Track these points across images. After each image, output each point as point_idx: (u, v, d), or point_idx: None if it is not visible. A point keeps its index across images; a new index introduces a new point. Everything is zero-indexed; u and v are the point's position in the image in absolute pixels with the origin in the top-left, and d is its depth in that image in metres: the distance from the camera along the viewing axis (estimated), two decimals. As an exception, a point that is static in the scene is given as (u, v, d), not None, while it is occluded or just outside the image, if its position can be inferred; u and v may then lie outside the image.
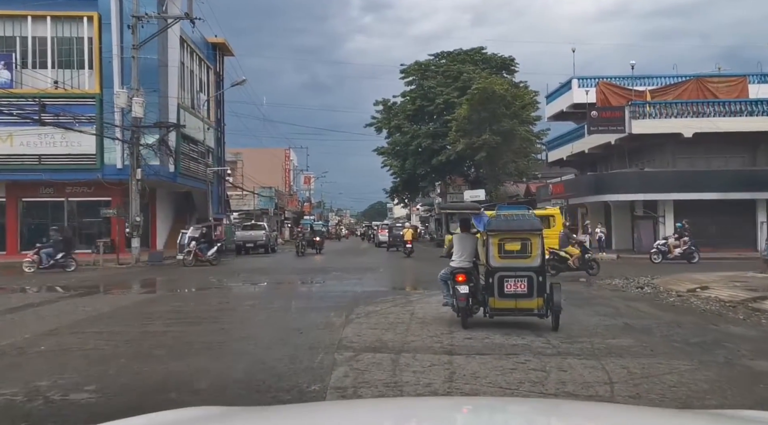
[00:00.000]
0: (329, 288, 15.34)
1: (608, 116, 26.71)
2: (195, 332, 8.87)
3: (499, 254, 8.25)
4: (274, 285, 16.80)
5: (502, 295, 8.19)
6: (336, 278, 17.83)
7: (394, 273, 19.91)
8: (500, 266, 8.22)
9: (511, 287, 8.16)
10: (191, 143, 30.35)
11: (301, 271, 20.62)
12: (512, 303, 8.25)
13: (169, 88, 27.62)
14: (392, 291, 14.07)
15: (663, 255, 22.38)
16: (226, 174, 32.73)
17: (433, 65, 46.95)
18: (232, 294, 15.13)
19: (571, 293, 13.45)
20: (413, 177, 47.89)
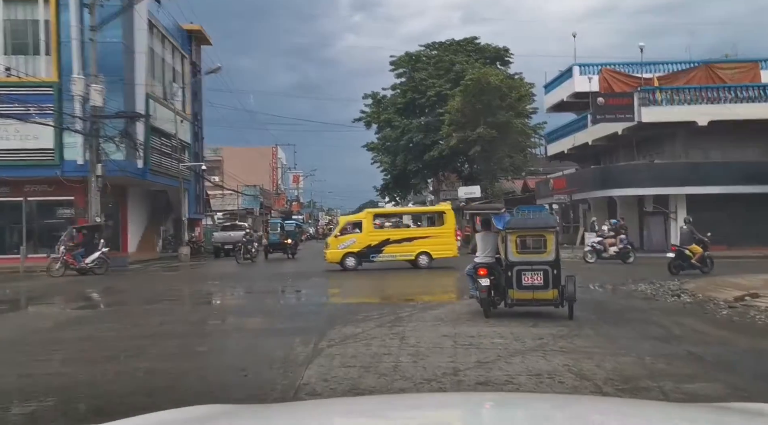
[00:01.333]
0: (302, 301, 12.84)
1: (615, 103, 24.30)
2: (88, 378, 6.24)
3: (517, 250, 8.87)
4: (238, 297, 14.23)
5: (520, 287, 8.79)
6: (313, 286, 15.25)
7: (381, 279, 17.39)
8: (518, 261, 8.82)
9: (529, 280, 8.76)
10: (163, 137, 27.67)
11: (273, 278, 17.93)
12: (530, 294, 8.86)
13: (136, 77, 24.93)
14: (378, 305, 11.50)
15: (597, 254, 20.37)
16: (201, 170, 30.02)
17: (424, 56, 44.36)
18: (183, 310, 12.53)
19: (598, 304, 10.99)
20: (404, 174, 45.30)
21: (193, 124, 32.14)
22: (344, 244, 19.39)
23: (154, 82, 27.30)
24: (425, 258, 19.25)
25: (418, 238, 19.76)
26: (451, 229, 19.95)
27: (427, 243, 19.39)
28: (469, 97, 38.39)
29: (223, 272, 19.66)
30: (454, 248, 19.73)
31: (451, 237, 19.75)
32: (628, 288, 13.43)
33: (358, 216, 21.20)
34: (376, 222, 20.66)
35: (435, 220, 21.14)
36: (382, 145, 45.71)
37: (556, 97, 32.30)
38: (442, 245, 19.37)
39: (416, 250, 19.28)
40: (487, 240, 9.51)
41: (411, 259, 19.34)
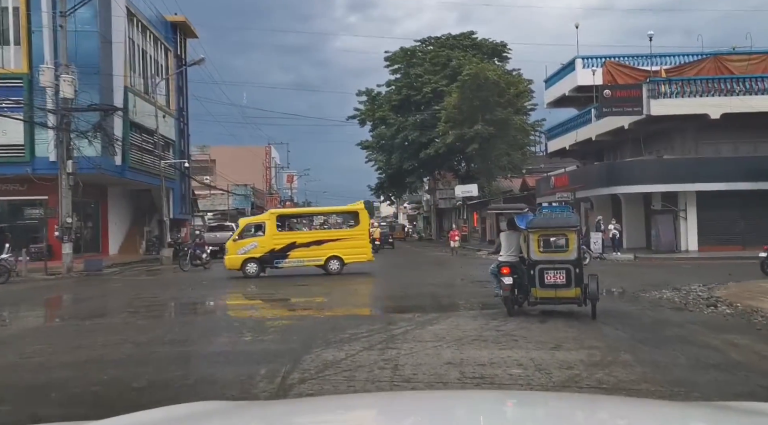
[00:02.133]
0: (278, 313, 11.09)
1: (623, 95, 22.64)
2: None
3: (539, 249, 8.80)
4: (202, 309, 12.48)
5: (543, 285, 8.72)
6: (294, 294, 13.46)
7: (372, 284, 15.69)
8: (540, 260, 8.75)
9: (551, 279, 8.68)
10: (144, 133, 25.91)
11: (249, 284, 15.99)
12: (552, 293, 8.77)
13: (114, 68, 23.19)
14: (368, 318, 9.79)
15: None
16: (185, 168, 28.23)
17: (420, 52, 42.81)
18: (133, 326, 10.78)
19: (624, 316, 9.33)
20: (400, 172, 43.72)
21: (178, 120, 30.37)
22: (244, 248, 17.48)
23: (134, 75, 25.53)
24: (336, 263, 17.49)
25: (328, 241, 17.87)
26: (365, 230, 18.27)
27: (339, 247, 17.59)
28: (467, 93, 36.78)
29: (201, 278, 17.90)
30: (369, 252, 18.01)
31: (364, 239, 18.04)
32: (651, 295, 11.77)
33: (261, 217, 19.08)
34: (282, 224, 18.75)
35: (347, 221, 19.29)
36: (377, 143, 44.09)
37: (558, 92, 30.63)
38: (355, 249, 17.61)
39: (326, 254, 17.49)
40: (511, 239, 9.49)
41: (320, 264, 17.53)
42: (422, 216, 69.41)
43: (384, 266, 21.82)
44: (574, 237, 8.91)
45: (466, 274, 17.03)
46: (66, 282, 17.89)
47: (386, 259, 26.62)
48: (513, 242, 9.51)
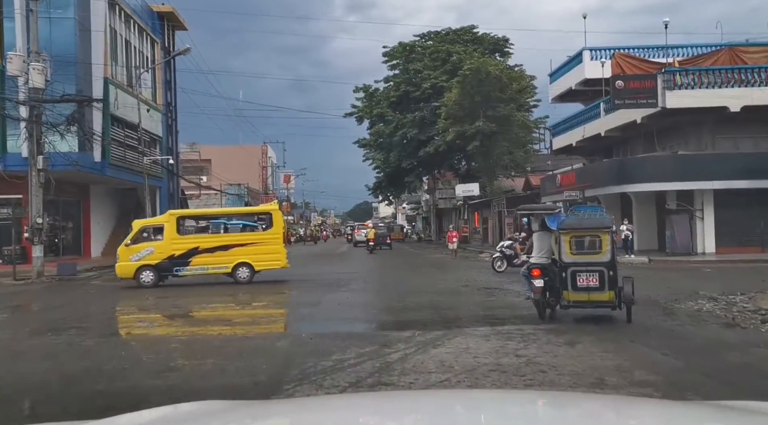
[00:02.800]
0: (253, 329, 9.36)
1: (637, 86, 21.00)
2: None
3: (571, 251, 8.48)
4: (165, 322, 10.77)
5: (575, 288, 8.37)
6: (274, 304, 11.80)
7: (365, 292, 13.99)
8: (572, 262, 8.42)
9: (584, 281, 8.35)
10: (128, 128, 24.22)
11: (227, 292, 13.96)
12: (585, 296, 8.43)
13: (93, 58, 21.53)
14: (358, 337, 8.07)
15: (508, 261, 16.84)
16: (170, 164, 26.49)
17: (419, 47, 41.14)
18: (74, 350, 9.09)
19: (668, 335, 7.70)
20: (398, 171, 42.07)
21: (165, 115, 28.69)
22: (139, 254, 15.35)
23: (116, 66, 23.85)
24: (246, 271, 15.54)
25: (236, 245, 15.73)
26: (279, 234, 16.21)
27: (249, 252, 15.59)
28: (468, 88, 35.10)
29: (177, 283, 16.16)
30: (283, 258, 15.88)
31: (278, 244, 16.00)
32: (687, 307, 10.12)
33: (158, 219, 16.95)
34: (183, 226, 16.66)
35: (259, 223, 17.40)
36: (375, 141, 42.45)
37: (563, 86, 28.99)
38: (268, 255, 15.65)
39: (234, 260, 15.51)
40: (543, 240, 9.13)
41: (227, 271, 15.60)
42: (421, 217, 67.73)
43: (380, 269, 20.19)
44: (608, 238, 8.50)
45: (470, 279, 15.37)
46: (31, 289, 16.19)
47: (383, 261, 24.97)
48: (545, 244, 9.09)
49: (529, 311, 10.01)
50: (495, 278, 15.38)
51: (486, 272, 17.39)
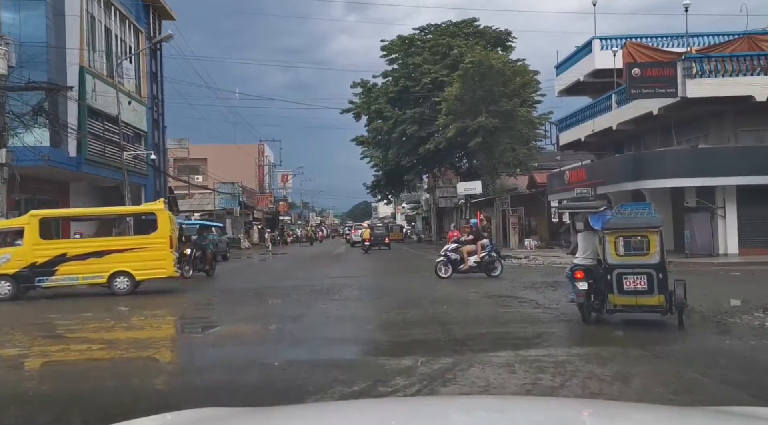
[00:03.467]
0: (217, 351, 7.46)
1: (655, 74, 19.24)
2: None
3: (616, 252, 7.93)
4: (108, 343, 8.96)
5: (621, 291, 7.84)
6: (255, 316, 9.94)
7: (357, 302, 12.18)
8: (618, 264, 7.89)
9: (631, 284, 7.81)
10: (108, 122, 22.41)
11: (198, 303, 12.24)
12: (632, 300, 7.88)
13: (68, 45, 19.73)
14: (346, 365, 6.24)
15: (454, 266, 14.91)
16: (151, 159, 24.67)
17: (419, 40, 39.35)
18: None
19: (737, 360, 5.92)
20: (397, 169, 40.30)
21: (151, 109, 26.88)
22: None
23: (94, 54, 22.04)
24: (125, 281, 13.40)
25: (112, 251, 13.52)
26: (165, 238, 13.64)
27: (128, 259, 13.40)
28: (469, 82, 33.29)
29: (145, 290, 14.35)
30: (170, 266, 13.70)
31: (164, 250, 13.57)
32: (743, 321, 8.35)
33: (17, 221, 14.31)
34: (46, 229, 14.27)
35: (141, 226, 15.38)
36: (373, 138, 40.64)
37: (571, 78, 27.21)
38: (151, 262, 13.48)
39: (110, 269, 13.33)
40: (588, 240, 8.61)
41: (102, 282, 13.43)
42: (421, 216, 65.95)
43: (377, 273, 18.39)
44: (656, 239, 7.84)
45: (477, 284, 13.58)
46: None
47: (380, 264, 23.21)
48: (590, 244, 8.48)
49: (554, 327, 8.24)
50: (506, 284, 13.58)
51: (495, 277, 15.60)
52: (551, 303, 10.39)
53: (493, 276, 14.82)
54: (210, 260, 18.24)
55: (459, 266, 14.90)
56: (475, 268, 14.90)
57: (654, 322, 8.17)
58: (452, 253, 15.13)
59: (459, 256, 15.01)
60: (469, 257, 14.93)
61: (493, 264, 15.06)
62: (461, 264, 14.89)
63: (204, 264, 17.94)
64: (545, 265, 19.60)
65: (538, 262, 20.49)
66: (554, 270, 17.23)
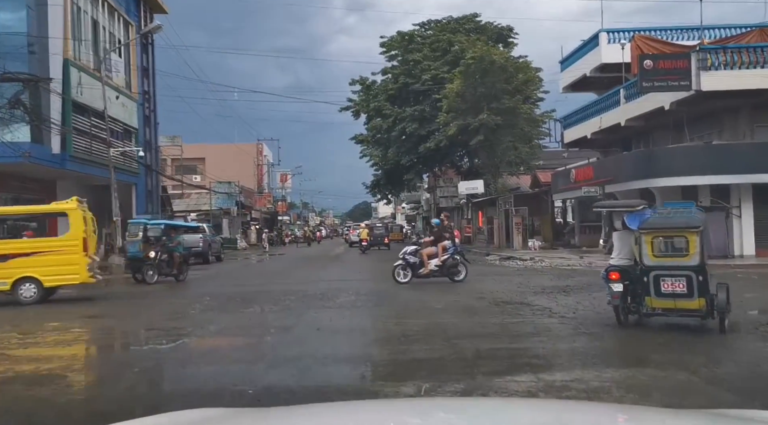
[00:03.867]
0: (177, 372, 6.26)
1: (668, 66, 18.14)
2: None
3: (653, 253, 7.52)
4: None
5: (659, 294, 7.43)
6: (239, 329, 8.75)
7: (357, 308, 11.09)
8: (655, 265, 7.49)
9: (669, 287, 7.38)
10: (95, 117, 21.30)
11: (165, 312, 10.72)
12: (671, 303, 7.45)
13: (51, 35, 18.64)
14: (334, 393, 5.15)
15: (413, 270, 13.53)
16: (139, 156, 23.50)
17: (419, 36, 38.25)
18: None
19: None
20: (397, 168, 39.16)
21: (142, 105, 25.77)
22: None
23: (79, 46, 20.93)
24: (32, 289, 11.95)
25: (16, 255, 12.02)
26: (78, 240, 12.17)
27: (35, 264, 11.93)
28: (471, 78, 32.16)
29: (97, 296, 13.26)
30: (83, 271, 12.17)
31: (76, 253, 12.08)
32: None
33: None
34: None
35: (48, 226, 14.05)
36: (372, 136, 39.48)
37: (577, 73, 26.10)
38: (62, 267, 12.08)
39: (13, 275, 11.92)
40: (625, 240, 8.17)
41: (5, 289, 11.94)
42: (421, 216, 64.82)
43: (375, 276, 17.26)
44: (696, 239, 7.38)
45: (483, 290, 12.47)
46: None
47: (379, 266, 22.09)
48: (626, 244, 8.08)
49: (576, 341, 7.15)
50: (514, 289, 12.48)
51: (501, 280, 14.52)
52: (567, 311, 9.30)
53: (457, 281, 13.45)
54: (178, 264, 16.47)
55: (419, 271, 13.51)
56: (436, 272, 13.48)
57: (694, 328, 7.51)
58: (411, 256, 13.62)
59: (419, 259, 13.65)
60: (430, 260, 13.51)
61: (457, 268, 13.63)
62: (421, 268, 13.50)
63: (171, 269, 16.25)
64: (552, 267, 18.50)
65: (545, 264, 19.40)
66: (563, 273, 16.14)
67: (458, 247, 14.32)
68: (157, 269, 15.76)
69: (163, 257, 15.99)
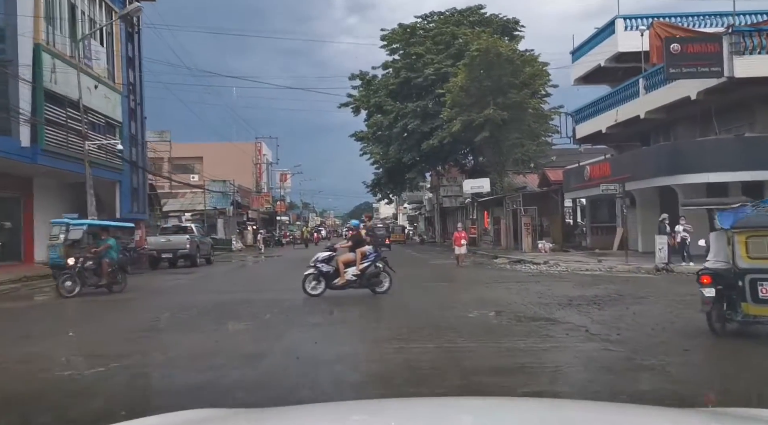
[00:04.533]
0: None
1: (697, 50, 16.28)
2: None
3: (748, 254, 6.75)
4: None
5: (756, 300, 6.61)
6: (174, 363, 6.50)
7: (348, 325, 9.22)
8: (750, 268, 6.72)
9: (767, 292, 6.56)
10: (71, 108, 19.47)
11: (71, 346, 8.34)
12: None
13: (19, 21, 16.83)
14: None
15: (327, 281, 11.55)
16: (120, 151, 21.50)
17: (421, 29, 36.42)
18: None
19: None
20: (398, 167, 37.36)
21: (127, 97, 23.93)
22: None
23: (53, 30, 19.11)
24: None
25: None
26: None
27: None
28: (476, 72, 30.31)
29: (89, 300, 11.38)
30: None
31: None
32: None
33: None
34: None
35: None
36: (373, 133, 37.68)
37: (590, 63, 24.22)
38: None
39: None
40: (721, 241, 7.15)
41: None
42: (424, 217, 62.93)
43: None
44: None
45: (498, 301, 10.61)
46: None
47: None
48: (722, 245, 7.12)
49: (641, 382, 5.27)
50: (534, 300, 10.61)
51: (517, 288, 12.65)
52: (608, 332, 7.44)
53: (379, 292, 11.48)
54: (107, 273, 13.34)
55: (334, 281, 11.52)
56: (354, 282, 11.51)
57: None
58: (324, 264, 11.57)
59: (333, 267, 11.61)
60: (347, 268, 11.53)
61: (378, 277, 11.62)
62: (336, 278, 11.52)
63: (99, 278, 13.30)
64: (570, 272, 16.63)
65: (561, 268, 17.53)
66: (585, 280, 14.25)
67: (380, 253, 12.15)
68: (80, 279, 12.87)
69: (88, 265, 13.13)
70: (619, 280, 13.98)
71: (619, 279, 14.21)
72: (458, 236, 20.08)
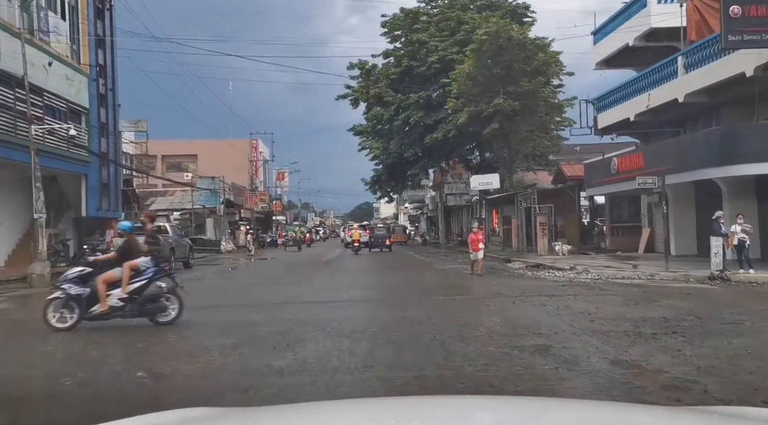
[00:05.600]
0: None
1: (763, 14, 13.43)
2: None
3: None
4: None
5: None
6: None
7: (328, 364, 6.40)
8: None
9: None
10: (18, 89, 16.58)
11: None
12: None
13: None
14: None
15: (81, 307, 8.03)
16: (71, 136, 18.54)
17: (424, 14, 33.55)
18: None
19: None
20: (400, 162, 34.50)
21: (96, 81, 21.06)
22: None
23: (6, 3, 16.25)
24: None
25: None
26: None
27: None
28: (484, 58, 27.46)
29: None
30: None
31: None
32: None
33: None
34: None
35: None
36: (372, 127, 34.78)
37: (616, 43, 21.33)
38: None
39: None
40: None
41: None
42: (426, 216, 60.00)
43: (371, 296, 12.54)
44: None
45: (535, 325, 7.71)
46: None
47: (375, 276, 17.45)
48: None
49: None
50: (585, 324, 7.70)
51: (551, 304, 9.73)
52: (739, 390, 4.56)
53: (163, 322, 8.12)
54: None
55: (92, 308, 8.05)
56: (123, 310, 8.12)
57: None
58: (75, 285, 8.04)
59: (91, 289, 8.08)
60: (111, 290, 8.12)
61: (159, 301, 8.22)
62: (94, 306, 8.05)
63: None
64: (605, 281, 13.72)
65: (592, 276, 14.63)
66: (630, 293, 11.29)
67: (164, 265, 8.65)
68: None
69: None
70: (676, 293, 11.08)
71: (675, 292, 11.30)
72: (475, 238, 16.51)
